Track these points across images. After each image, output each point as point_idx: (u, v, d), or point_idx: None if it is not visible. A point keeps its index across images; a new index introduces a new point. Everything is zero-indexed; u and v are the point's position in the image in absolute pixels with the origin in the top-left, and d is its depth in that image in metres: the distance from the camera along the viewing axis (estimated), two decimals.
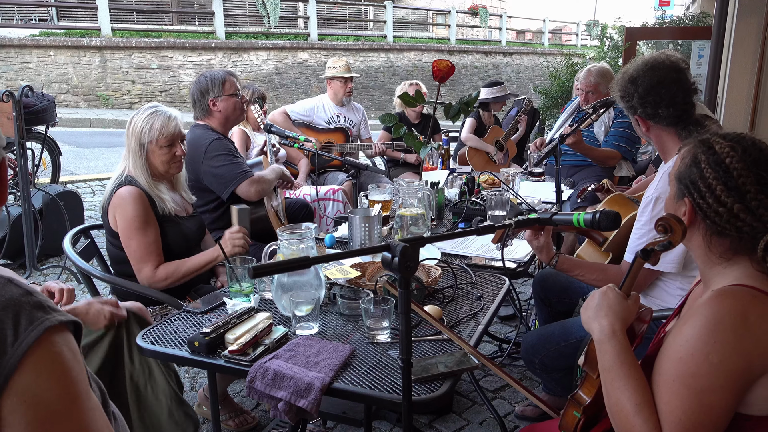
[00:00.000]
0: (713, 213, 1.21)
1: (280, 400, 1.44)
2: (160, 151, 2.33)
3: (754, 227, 1.19)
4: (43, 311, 0.85)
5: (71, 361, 0.85)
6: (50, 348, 0.83)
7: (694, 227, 1.26)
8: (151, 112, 2.33)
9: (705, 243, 1.25)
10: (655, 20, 9.74)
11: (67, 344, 0.86)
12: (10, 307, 0.82)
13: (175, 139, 2.35)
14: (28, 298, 0.85)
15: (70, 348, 0.86)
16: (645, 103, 1.93)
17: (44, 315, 0.84)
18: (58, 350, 0.84)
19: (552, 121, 7.74)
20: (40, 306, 0.85)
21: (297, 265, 1.09)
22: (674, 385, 1.15)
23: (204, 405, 2.62)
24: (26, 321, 0.82)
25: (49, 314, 0.85)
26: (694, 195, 1.23)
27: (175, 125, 2.35)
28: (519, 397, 2.81)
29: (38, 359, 0.81)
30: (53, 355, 0.83)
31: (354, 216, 2.36)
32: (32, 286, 0.88)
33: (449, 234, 1.34)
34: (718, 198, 1.20)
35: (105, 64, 12.93)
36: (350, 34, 18.15)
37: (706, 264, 1.27)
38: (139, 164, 2.31)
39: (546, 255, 1.89)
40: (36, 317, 0.83)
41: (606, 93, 3.99)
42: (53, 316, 0.85)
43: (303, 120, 4.58)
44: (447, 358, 1.54)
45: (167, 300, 2.28)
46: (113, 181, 2.35)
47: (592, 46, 19.09)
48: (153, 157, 2.33)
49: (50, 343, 0.83)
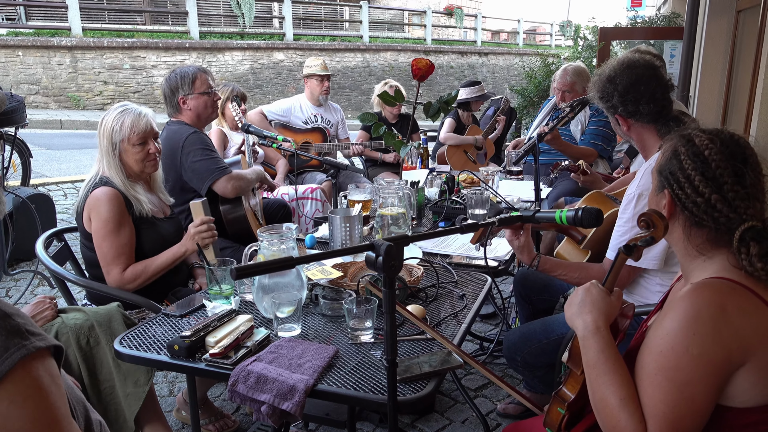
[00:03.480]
0: (691, 203, 1.23)
1: (263, 403, 1.42)
2: (133, 149, 2.27)
3: (730, 218, 1.21)
4: (21, 337, 0.81)
5: (49, 387, 0.82)
6: (26, 375, 0.80)
7: (674, 219, 1.27)
8: (121, 110, 2.28)
9: (684, 235, 1.27)
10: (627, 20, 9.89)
11: (46, 369, 0.83)
12: None
13: (147, 137, 2.29)
14: (6, 322, 0.81)
15: (50, 373, 0.83)
16: (625, 101, 1.94)
17: (21, 341, 0.81)
18: (35, 376, 0.81)
19: (529, 120, 7.81)
20: (17, 331, 0.82)
21: (280, 266, 1.07)
22: (656, 378, 1.15)
23: (183, 410, 2.57)
24: (1, 348, 0.79)
25: (26, 340, 0.82)
26: (674, 186, 1.25)
27: (146, 122, 2.29)
28: (501, 395, 2.81)
29: (12, 387, 0.78)
30: (29, 382, 0.80)
31: (334, 216, 2.34)
32: (14, 307, 0.85)
33: (433, 233, 1.33)
34: (696, 188, 1.22)
35: (76, 64, 12.69)
36: (326, 34, 18.09)
37: (686, 258, 1.28)
38: (114, 164, 2.26)
39: (527, 256, 1.89)
40: (12, 344, 0.80)
41: (582, 91, 4.03)
42: (31, 342, 0.82)
43: (280, 120, 4.54)
44: (431, 358, 1.53)
45: (144, 303, 2.23)
46: (87, 182, 2.30)
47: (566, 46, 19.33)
48: (126, 156, 2.28)
49: (27, 370, 0.80)
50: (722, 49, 5.12)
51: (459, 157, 5.04)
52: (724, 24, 5.06)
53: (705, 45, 5.18)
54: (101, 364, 1.95)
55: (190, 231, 2.25)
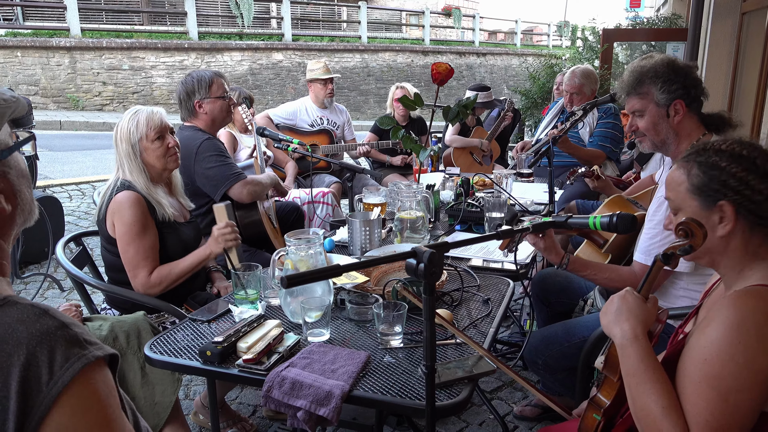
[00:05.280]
0: (752, 204, 1.24)
1: (299, 409, 1.42)
2: (153, 145, 2.28)
3: None
4: (80, 346, 0.81)
5: (108, 398, 0.82)
6: (86, 386, 0.80)
7: (734, 230, 1.26)
8: (134, 112, 2.30)
9: (744, 240, 1.26)
10: (627, 21, 9.92)
11: (103, 380, 0.83)
12: (45, 342, 0.79)
13: (164, 131, 2.31)
14: (64, 331, 0.81)
15: (107, 384, 0.83)
16: (688, 85, 1.96)
17: (80, 351, 0.80)
18: (94, 388, 0.81)
19: (532, 122, 7.82)
20: (76, 341, 0.81)
21: (329, 274, 1.08)
22: (700, 387, 1.16)
23: (201, 413, 2.58)
24: (62, 358, 0.79)
25: (85, 350, 0.81)
26: (729, 194, 1.25)
27: (159, 117, 2.32)
28: (516, 398, 2.83)
29: (74, 398, 0.78)
30: (89, 393, 0.80)
31: (354, 219, 2.34)
32: (69, 317, 0.85)
33: (472, 239, 1.33)
34: (753, 187, 1.23)
35: (75, 65, 12.66)
36: (324, 34, 18.08)
37: (738, 265, 1.29)
38: (136, 168, 2.26)
39: (555, 256, 1.90)
40: (72, 354, 0.79)
41: (591, 93, 4.05)
42: (90, 352, 0.81)
43: (286, 123, 4.55)
44: (464, 363, 1.54)
45: (165, 308, 2.23)
46: (109, 188, 2.29)
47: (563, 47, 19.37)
48: (147, 155, 2.29)
49: (86, 380, 0.80)
50: (727, 51, 5.15)
51: (465, 159, 5.06)
52: (728, 26, 5.08)
53: (710, 47, 5.20)
54: (123, 375, 1.94)
55: (214, 233, 2.25)
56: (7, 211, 0.90)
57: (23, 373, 0.76)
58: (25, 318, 0.80)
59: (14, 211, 0.92)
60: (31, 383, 0.76)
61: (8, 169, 0.91)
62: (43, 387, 0.76)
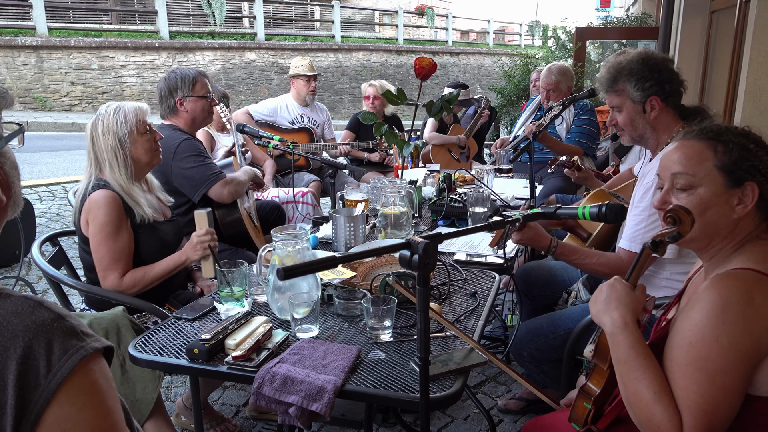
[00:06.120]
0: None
1: (290, 405, 1.41)
2: (143, 138, 2.26)
3: None
4: (77, 338, 0.79)
5: (107, 391, 0.81)
6: (85, 378, 0.78)
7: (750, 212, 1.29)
8: (114, 107, 2.25)
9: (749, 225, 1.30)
10: (598, 21, 10.07)
11: (101, 372, 0.81)
12: (42, 334, 0.77)
13: (150, 124, 2.30)
14: (61, 323, 0.79)
15: (105, 375, 0.82)
16: (662, 80, 1.99)
17: (78, 343, 0.79)
18: (94, 380, 0.79)
19: (508, 119, 7.89)
20: (74, 332, 0.79)
21: (326, 265, 1.07)
22: (688, 370, 1.18)
23: (183, 415, 2.53)
24: (60, 350, 0.77)
25: (83, 341, 0.79)
26: (757, 177, 1.28)
27: (145, 110, 2.30)
28: (500, 392, 2.84)
29: (73, 391, 0.76)
30: (88, 385, 0.78)
31: (338, 216, 2.33)
32: (63, 309, 0.83)
33: (465, 230, 1.33)
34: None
35: (42, 64, 12.38)
36: (298, 33, 18.00)
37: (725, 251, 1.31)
38: (120, 163, 2.21)
39: (543, 241, 1.92)
40: (70, 346, 0.78)
41: (567, 90, 4.09)
42: (88, 343, 0.80)
43: (266, 120, 4.50)
44: (455, 355, 1.54)
45: (147, 308, 2.19)
46: (83, 186, 2.23)
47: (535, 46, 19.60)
48: (136, 148, 2.24)
49: (85, 372, 0.78)
50: (697, 48, 5.26)
51: (443, 155, 5.08)
52: (698, 24, 5.20)
53: (680, 44, 5.31)
54: None
55: (192, 240, 2.20)
56: (3, 202, 0.88)
57: (20, 366, 0.73)
58: (20, 310, 0.77)
59: (8, 202, 0.89)
60: (29, 376, 0.73)
61: (4, 159, 0.88)
62: (42, 380, 0.74)
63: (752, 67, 3.03)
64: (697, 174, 1.32)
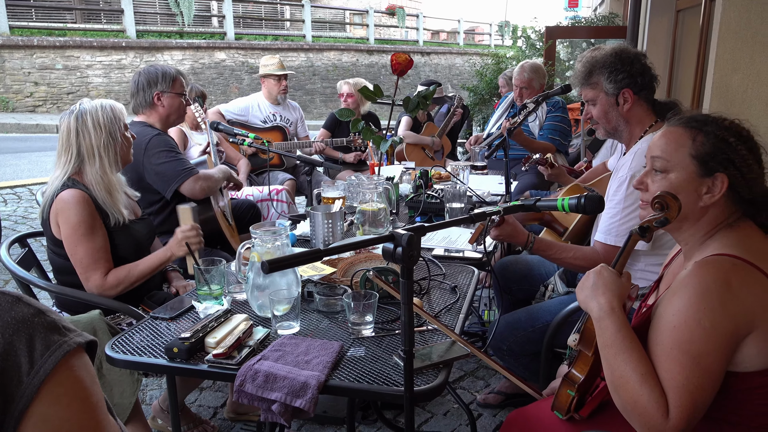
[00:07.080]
0: (745, 183, 1.31)
1: (273, 401, 1.39)
2: (126, 134, 2.24)
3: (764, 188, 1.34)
4: (59, 333, 0.77)
5: (91, 386, 0.79)
6: (69, 374, 0.76)
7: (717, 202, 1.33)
8: (100, 103, 2.20)
9: (719, 214, 1.34)
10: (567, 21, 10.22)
11: (85, 367, 0.79)
12: (23, 330, 0.74)
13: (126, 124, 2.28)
14: (41, 318, 0.77)
15: (88, 371, 0.80)
16: (634, 73, 2.02)
17: (60, 338, 0.77)
18: (77, 376, 0.77)
19: (480, 117, 7.96)
20: (55, 327, 0.77)
21: (310, 258, 1.06)
22: (672, 353, 1.21)
23: (159, 418, 2.48)
24: (42, 346, 0.74)
25: (65, 336, 0.77)
26: (729, 169, 1.31)
27: (123, 109, 2.27)
28: (478, 387, 2.86)
29: (57, 387, 0.74)
30: (73, 381, 0.76)
31: (316, 213, 2.31)
32: (43, 304, 0.80)
33: (447, 222, 1.34)
34: (751, 167, 1.32)
35: (3, 64, 12.05)
36: (268, 33, 17.85)
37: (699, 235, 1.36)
38: (111, 159, 2.16)
39: (521, 237, 1.93)
40: (52, 341, 0.75)
41: (539, 87, 4.14)
42: (70, 338, 0.78)
43: (238, 119, 4.45)
44: (437, 348, 1.54)
45: (121, 308, 2.14)
46: (51, 186, 2.16)
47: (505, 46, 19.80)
48: (122, 145, 2.22)
49: (69, 368, 0.76)
50: (664, 46, 5.38)
51: (417, 154, 5.09)
52: (665, 23, 5.31)
53: (648, 43, 5.42)
54: None
55: (177, 236, 2.16)
56: None
57: (1, 363, 0.71)
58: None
59: None
60: (10, 374, 0.71)
61: None
62: (24, 377, 0.72)
63: (718, 63, 3.10)
64: (671, 159, 1.37)
